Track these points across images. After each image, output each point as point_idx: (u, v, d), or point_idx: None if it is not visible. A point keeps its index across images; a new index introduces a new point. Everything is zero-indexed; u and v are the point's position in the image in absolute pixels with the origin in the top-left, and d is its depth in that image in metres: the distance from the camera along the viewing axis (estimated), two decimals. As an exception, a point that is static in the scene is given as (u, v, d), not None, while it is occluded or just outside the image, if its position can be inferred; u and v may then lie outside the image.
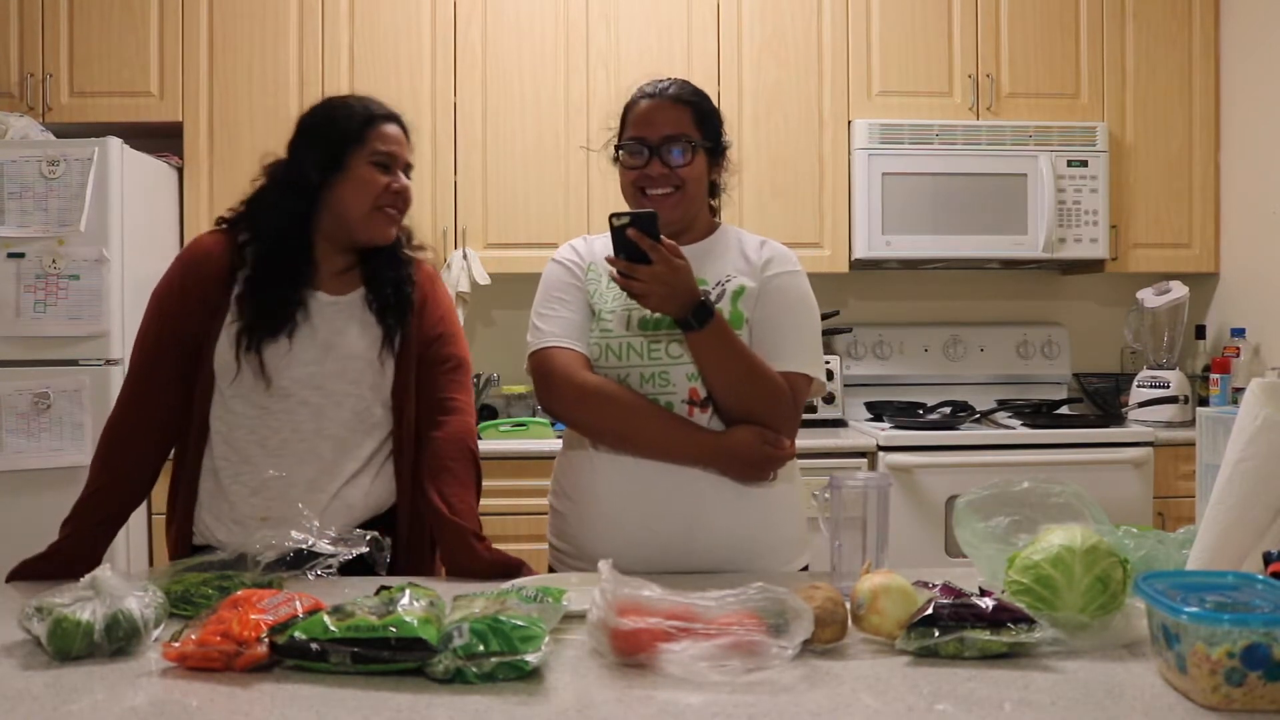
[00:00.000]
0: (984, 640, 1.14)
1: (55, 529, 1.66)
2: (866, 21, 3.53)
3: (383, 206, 1.71)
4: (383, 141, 1.71)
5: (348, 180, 1.69)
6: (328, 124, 1.72)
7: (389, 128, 1.73)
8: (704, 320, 1.55)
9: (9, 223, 2.93)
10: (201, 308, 1.69)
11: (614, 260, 1.54)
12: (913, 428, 3.27)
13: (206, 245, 1.74)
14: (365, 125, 1.70)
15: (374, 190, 1.69)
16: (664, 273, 1.51)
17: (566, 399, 1.65)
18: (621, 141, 1.72)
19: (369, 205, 1.69)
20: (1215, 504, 1.27)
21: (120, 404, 1.73)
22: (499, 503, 3.06)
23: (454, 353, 1.82)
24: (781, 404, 1.63)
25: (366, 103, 1.74)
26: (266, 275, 1.68)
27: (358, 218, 1.70)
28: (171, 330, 1.70)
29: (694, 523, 1.62)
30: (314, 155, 1.69)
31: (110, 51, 3.39)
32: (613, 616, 1.13)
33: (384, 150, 1.70)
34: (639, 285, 1.52)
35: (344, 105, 1.74)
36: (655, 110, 1.69)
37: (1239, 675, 0.99)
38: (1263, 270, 3.47)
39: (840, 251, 3.51)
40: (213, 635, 1.13)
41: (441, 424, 1.76)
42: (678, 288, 1.53)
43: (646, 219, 1.52)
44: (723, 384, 1.61)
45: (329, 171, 1.69)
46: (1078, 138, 3.49)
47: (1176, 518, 3.16)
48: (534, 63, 3.46)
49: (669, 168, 1.67)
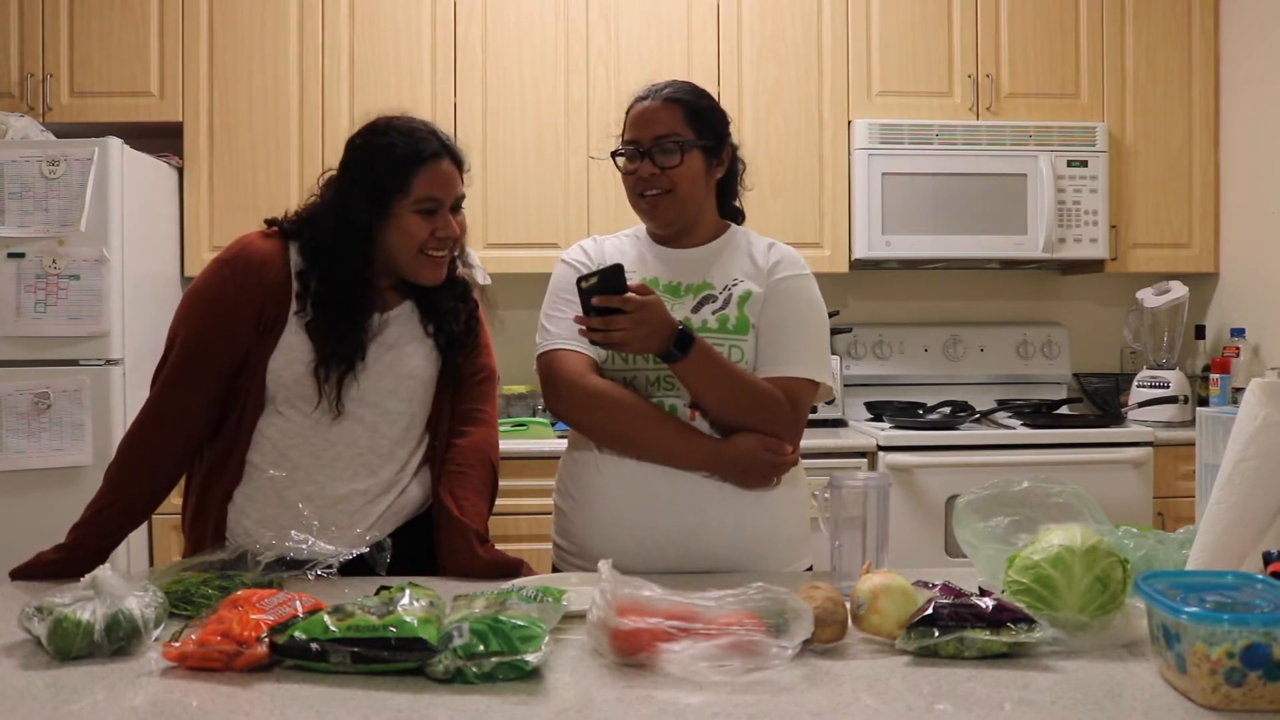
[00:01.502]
0: (984, 640, 1.14)
1: (55, 529, 1.64)
2: (866, 21, 3.53)
3: (428, 251, 1.64)
4: (429, 186, 1.61)
5: (393, 228, 1.62)
6: (369, 165, 1.62)
7: (437, 168, 1.62)
8: (685, 348, 1.56)
9: (9, 223, 2.93)
10: (259, 317, 1.62)
11: (586, 320, 1.54)
12: (913, 428, 3.26)
13: (264, 251, 1.65)
14: (409, 169, 1.60)
15: (419, 238, 1.62)
16: (636, 317, 1.52)
17: (572, 402, 1.65)
18: (617, 148, 1.73)
19: (414, 251, 1.63)
20: (1215, 504, 1.27)
21: (146, 415, 1.64)
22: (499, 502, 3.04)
23: (486, 363, 1.83)
24: (779, 414, 1.63)
25: (413, 137, 1.63)
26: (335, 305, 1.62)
27: (404, 262, 1.65)
28: (223, 340, 1.62)
29: (697, 523, 1.62)
30: (359, 197, 1.61)
31: (110, 51, 3.39)
32: (613, 616, 1.13)
33: (430, 196, 1.62)
34: (618, 336, 1.53)
35: (386, 143, 1.62)
36: (646, 112, 1.70)
37: (1239, 675, 0.99)
38: (1262, 270, 3.47)
39: (840, 251, 3.51)
40: (213, 635, 1.13)
41: (466, 433, 1.76)
42: (653, 325, 1.54)
43: (612, 273, 1.53)
44: (715, 403, 1.62)
45: (375, 217, 1.61)
46: (1077, 138, 3.49)
47: (1176, 518, 3.16)
48: (534, 63, 3.46)
49: (659, 169, 1.67)
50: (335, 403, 1.63)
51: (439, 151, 1.63)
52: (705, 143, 1.70)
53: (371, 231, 1.63)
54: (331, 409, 1.63)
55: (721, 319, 1.67)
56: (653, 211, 1.71)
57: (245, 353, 1.63)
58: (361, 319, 1.65)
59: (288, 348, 1.62)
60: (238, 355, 1.63)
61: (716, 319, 1.67)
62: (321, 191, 1.69)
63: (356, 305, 1.64)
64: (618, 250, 1.77)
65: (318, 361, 1.61)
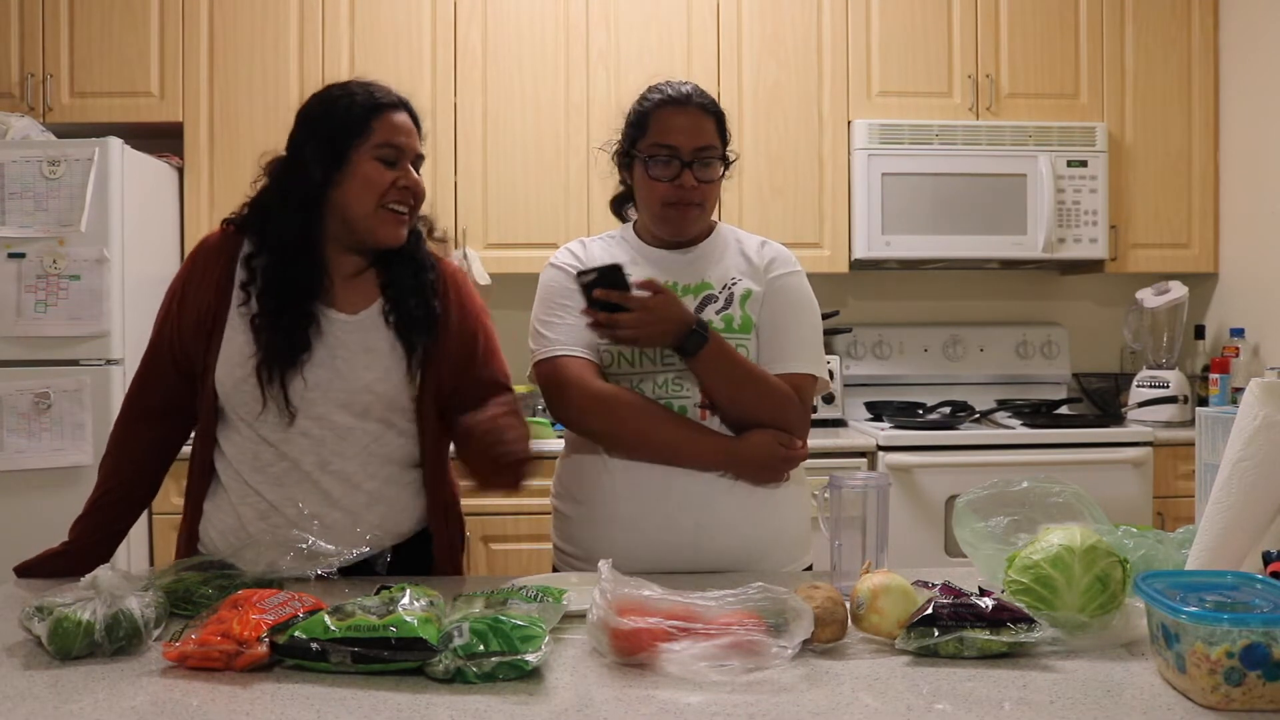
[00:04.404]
0: (983, 640, 1.14)
1: (56, 529, 1.65)
2: (866, 21, 3.53)
3: (389, 204, 1.56)
4: (388, 132, 1.56)
5: (351, 177, 1.54)
6: (327, 115, 1.57)
7: (396, 116, 1.58)
8: (701, 343, 1.56)
9: (10, 223, 2.93)
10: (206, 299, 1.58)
11: (591, 313, 1.53)
12: (912, 428, 3.27)
13: (212, 240, 1.64)
14: (368, 114, 1.55)
15: (379, 187, 1.54)
16: (643, 315, 1.52)
17: (583, 408, 1.64)
18: (643, 148, 1.66)
19: (374, 204, 1.55)
20: (1214, 504, 1.27)
21: (125, 404, 1.68)
22: (500, 502, 3.06)
23: (498, 374, 1.71)
24: (790, 408, 1.64)
25: (370, 89, 1.59)
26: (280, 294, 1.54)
27: (362, 218, 1.55)
28: (176, 324, 1.61)
29: (705, 524, 1.62)
30: (314, 151, 1.55)
31: (110, 51, 3.39)
32: (613, 616, 1.13)
33: (390, 142, 1.56)
34: (625, 333, 1.53)
35: (345, 93, 1.58)
36: (686, 119, 1.64)
37: (1238, 675, 0.99)
38: (1262, 270, 3.47)
39: (840, 251, 3.51)
40: (213, 635, 1.13)
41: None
42: (667, 320, 1.54)
43: (612, 271, 1.52)
44: (728, 399, 1.62)
45: (331, 168, 1.54)
46: (1077, 138, 3.49)
47: (1176, 517, 3.16)
48: (534, 63, 3.46)
49: (700, 182, 1.64)
50: (284, 405, 1.53)
51: (398, 103, 1.60)
52: (726, 154, 1.70)
53: (327, 188, 1.55)
54: (283, 413, 1.53)
55: (727, 319, 1.67)
56: (682, 222, 1.68)
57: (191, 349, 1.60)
58: (309, 306, 1.55)
59: (230, 350, 1.56)
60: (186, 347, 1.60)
61: (722, 319, 1.67)
62: (268, 171, 1.62)
63: (304, 287, 1.55)
64: (607, 252, 1.74)
65: (260, 359, 1.52)
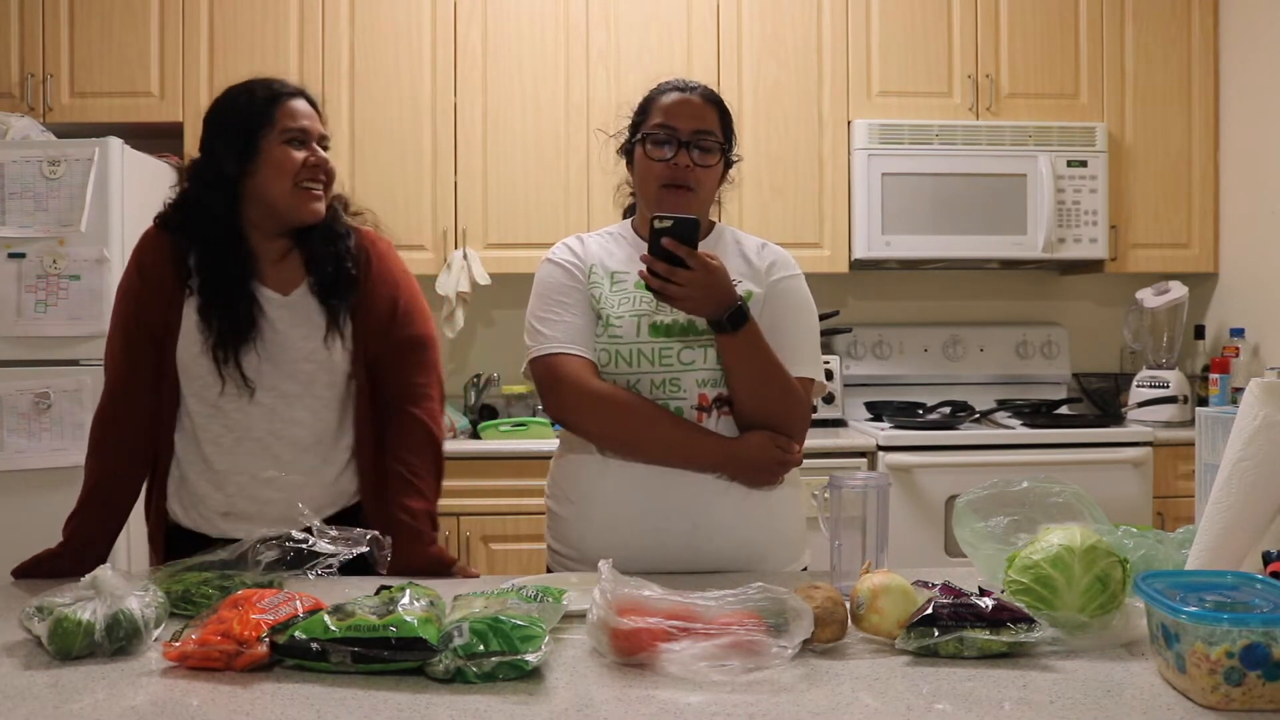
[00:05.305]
0: (983, 640, 1.14)
1: (56, 529, 1.66)
2: (866, 21, 3.53)
3: (303, 183, 1.68)
4: (291, 118, 1.68)
5: (263, 164, 1.66)
6: (232, 111, 1.69)
7: (296, 103, 1.70)
8: (739, 324, 1.55)
9: (10, 223, 2.93)
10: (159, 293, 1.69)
11: (651, 260, 1.51)
12: (912, 428, 3.27)
13: (152, 236, 1.74)
14: (270, 104, 1.67)
15: (291, 168, 1.66)
16: (702, 278, 1.50)
17: (579, 407, 1.63)
18: (644, 131, 1.68)
19: (289, 184, 1.67)
20: (1214, 504, 1.27)
21: (103, 397, 1.74)
22: (499, 503, 3.07)
23: (415, 333, 1.79)
24: (798, 408, 1.64)
25: (269, 83, 1.72)
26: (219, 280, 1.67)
27: (281, 199, 1.67)
28: (136, 319, 1.70)
29: (700, 525, 1.62)
30: (225, 145, 1.67)
31: (110, 51, 3.39)
32: (613, 616, 1.13)
33: (294, 126, 1.68)
34: (675, 289, 1.51)
35: (246, 90, 1.71)
36: (687, 104, 1.66)
37: (1238, 675, 0.99)
38: (1262, 270, 3.48)
39: (840, 252, 3.51)
40: (213, 635, 1.13)
41: (406, 412, 1.75)
42: (716, 290, 1.53)
43: (689, 225, 1.50)
44: (747, 386, 1.61)
45: (244, 159, 1.66)
46: (1077, 138, 3.49)
47: (1176, 517, 3.16)
48: (534, 63, 3.46)
49: (695, 164, 1.65)
50: (242, 383, 1.66)
51: (295, 92, 1.72)
52: (727, 151, 1.70)
53: (242, 178, 1.66)
54: (242, 390, 1.67)
55: None
56: (675, 205, 1.68)
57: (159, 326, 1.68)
58: (247, 288, 1.67)
59: (186, 334, 1.67)
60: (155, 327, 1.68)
61: None
62: (187, 173, 1.74)
63: (237, 273, 1.67)
64: (604, 250, 1.74)
65: (214, 343, 1.65)
